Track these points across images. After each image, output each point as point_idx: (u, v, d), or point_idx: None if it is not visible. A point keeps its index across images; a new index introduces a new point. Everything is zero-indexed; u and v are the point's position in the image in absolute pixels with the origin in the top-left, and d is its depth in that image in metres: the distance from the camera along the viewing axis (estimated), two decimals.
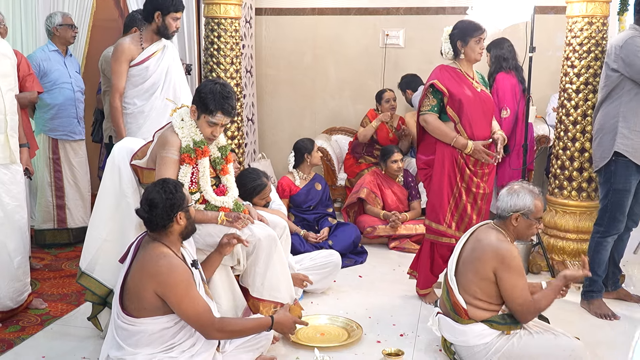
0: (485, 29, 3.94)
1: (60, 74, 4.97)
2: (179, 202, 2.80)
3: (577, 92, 4.54)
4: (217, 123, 3.25)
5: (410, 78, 6.22)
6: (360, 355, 3.38)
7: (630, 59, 3.73)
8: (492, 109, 4.06)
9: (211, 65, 5.17)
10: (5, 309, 3.70)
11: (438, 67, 4.04)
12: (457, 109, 3.89)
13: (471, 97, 3.90)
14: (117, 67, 4.17)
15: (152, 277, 2.70)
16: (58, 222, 5.13)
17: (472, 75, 4.00)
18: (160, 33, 4.17)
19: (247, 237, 3.30)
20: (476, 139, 3.91)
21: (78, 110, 5.08)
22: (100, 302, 3.41)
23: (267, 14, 6.90)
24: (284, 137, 6.91)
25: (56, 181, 5.07)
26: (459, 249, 3.28)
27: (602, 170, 3.92)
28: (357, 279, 4.62)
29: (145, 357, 2.73)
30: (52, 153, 5.03)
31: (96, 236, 3.40)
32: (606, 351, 3.49)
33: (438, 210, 3.98)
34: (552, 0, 5.85)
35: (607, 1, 4.46)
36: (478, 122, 3.93)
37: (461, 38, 3.92)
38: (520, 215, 3.14)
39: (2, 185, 3.64)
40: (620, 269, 4.26)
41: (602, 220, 3.95)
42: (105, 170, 3.45)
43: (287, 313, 3.14)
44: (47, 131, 4.99)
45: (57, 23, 4.95)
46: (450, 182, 3.94)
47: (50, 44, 5.01)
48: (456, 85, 3.90)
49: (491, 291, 3.12)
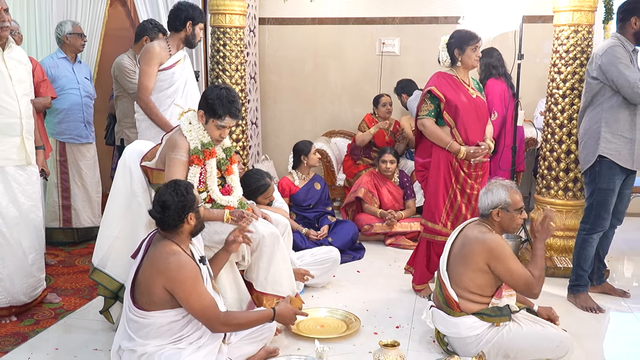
0: (480, 38, 3.94)
1: (68, 80, 4.94)
2: (190, 203, 2.79)
3: (563, 96, 4.54)
4: (226, 126, 3.26)
5: (405, 83, 6.22)
6: (358, 346, 3.38)
7: (606, 68, 3.73)
8: (487, 114, 4.06)
9: (217, 72, 5.16)
10: (19, 303, 3.70)
11: (436, 74, 4.04)
12: (453, 114, 3.89)
13: (466, 103, 3.90)
14: (148, 68, 4.11)
15: (162, 273, 2.70)
16: (63, 221, 5.10)
17: (468, 81, 3.99)
18: (188, 41, 4.19)
19: (252, 235, 3.30)
20: (470, 143, 3.91)
21: (85, 115, 5.05)
22: (111, 296, 3.41)
23: (270, 23, 6.89)
24: (286, 140, 6.90)
25: (62, 182, 5.05)
26: (450, 245, 3.28)
27: (588, 171, 3.93)
28: (355, 274, 4.62)
29: (155, 348, 2.73)
30: (60, 155, 5.01)
31: (108, 234, 3.39)
32: (592, 343, 3.48)
33: (434, 211, 3.97)
34: (539, 10, 5.83)
35: (593, 10, 4.46)
36: (472, 126, 3.93)
37: (458, 46, 3.92)
38: (500, 210, 3.15)
39: (18, 185, 3.64)
40: (605, 264, 4.25)
41: (587, 218, 3.95)
42: (116, 171, 3.45)
43: (288, 305, 3.14)
44: (55, 134, 4.98)
45: (67, 32, 4.93)
46: (445, 183, 3.94)
47: (59, 51, 4.99)
48: (452, 92, 3.90)
49: (482, 282, 3.12)
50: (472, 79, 4.09)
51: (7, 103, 3.56)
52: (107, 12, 5.63)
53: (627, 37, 3.81)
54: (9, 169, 3.60)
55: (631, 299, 4.11)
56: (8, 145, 3.59)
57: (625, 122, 3.77)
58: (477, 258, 3.08)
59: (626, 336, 3.63)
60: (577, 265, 4.00)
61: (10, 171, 3.61)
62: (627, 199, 4.06)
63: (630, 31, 3.80)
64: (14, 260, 3.62)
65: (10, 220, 3.60)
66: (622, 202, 4.01)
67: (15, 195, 3.62)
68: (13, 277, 3.63)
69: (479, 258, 3.08)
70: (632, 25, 3.78)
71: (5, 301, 3.63)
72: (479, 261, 3.08)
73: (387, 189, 5.62)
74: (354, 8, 6.70)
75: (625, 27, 3.81)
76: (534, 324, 3.15)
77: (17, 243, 3.63)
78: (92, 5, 5.58)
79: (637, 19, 3.76)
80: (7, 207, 3.59)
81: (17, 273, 3.64)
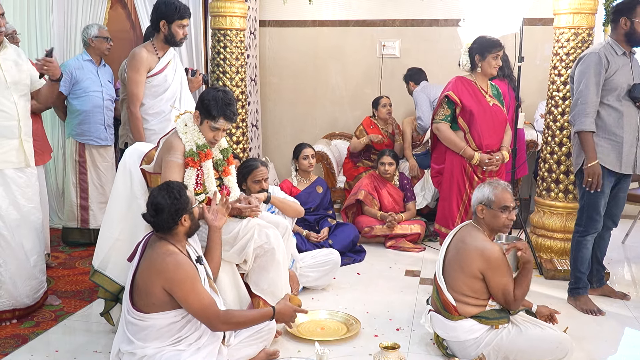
0: (503, 46, 3.93)
1: (91, 82, 4.98)
2: (183, 205, 2.79)
3: (563, 99, 4.54)
4: (219, 128, 3.25)
5: (415, 71, 6.19)
6: (358, 348, 3.38)
7: (575, 74, 3.81)
8: (504, 122, 4.07)
9: (218, 74, 5.17)
10: (23, 306, 3.70)
11: (455, 78, 4.08)
12: (468, 119, 3.92)
13: (482, 110, 3.93)
14: (137, 76, 4.04)
15: (160, 274, 2.70)
16: (81, 222, 5.15)
17: (486, 88, 3.99)
18: (169, 42, 4.06)
19: (263, 244, 3.30)
20: (484, 149, 3.93)
21: (106, 118, 5.08)
22: (112, 298, 3.40)
23: (270, 25, 6.90)
24: (287, 142, 6.91)
25: (81, 183, 5.10)
26: (445, 249, 3.28)
27: (578, 173, 3.95)
28: (355, 276, 4.62)
29: (154, 350, 2.73)
30: (79, 156, 5.06)
31: (109, 236, 3.39)
32: (592, 345, 3.48)
33: (448, 216, 4.00)
34: (540, 12, 5.85)
35: (593, 13, 4.47)
36: (486, 133, 3.95)
37: (480, 52, 3.94)
38: (484, 207, 3.15)
39: (18, 188, 3.64)
40: (604, 267, 4.25)
41: (580, 220, 3.97)
42: (117, 173, 3.45)
43: (288, 303, 3.13)
44: (75, 135, 5.03)
45: (94, 35, 4.97)
46: (459, 189, 3.97)
47: (85, 53, 5.04)
48: (469, 98, 3.92)
49: (478, 287, 3.13)
50: (492, 85, 4.08)
51: (3, 105, 3.55)
52: (107, 14, 5.64)
53: (619, 39, 3.82)
54: (8, 171, 3.60)
55: (631, 302, 4.11)
56: (7, 148, 3.58)
57: (613, 124, 3.78)
58: (474, 266, 3.09)
59: (627, 338, 3.63)
60: (574, 267, 4.00)
61: (9, 174, 3.60)
62: (623, 202, 4.06)
63: (621, 32, 3.81)
64: (16, 263, 3.63)
65: (11, 223, 3.60)
66: (618, 205, 4.02)
67: (15, 197, 3.62)
68: (15, 279, 3.63)
69: (475, 266, 3.09)
70: (622, 26, 3.80)
71: (8, 304, 3.63)
72: (475, 269, 3.09)
73: (387, 191, 5.62)
74: (355, 10, 6.71)
75: (617, 28, 3.83)
76: (534, 326, 3.15)
77: (18, 246, 3.63)
78: (92, 7, 5.60)
79: (626, 19, 3.77)
80: (8, 209, 3.59)
81: (19, 276, 3.64)
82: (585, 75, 3.75)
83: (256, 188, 4.11)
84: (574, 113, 3.79)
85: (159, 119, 4.14)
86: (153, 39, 4.15)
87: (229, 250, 3.30)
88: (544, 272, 4.54)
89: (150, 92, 4.10)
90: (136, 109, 4.08)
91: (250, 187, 4.11)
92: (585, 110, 3.73)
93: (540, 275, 4.56)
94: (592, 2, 4.43)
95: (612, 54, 3.78)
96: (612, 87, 3.76)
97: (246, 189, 4.10)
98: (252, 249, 3.32)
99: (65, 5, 5.54)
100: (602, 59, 3.74)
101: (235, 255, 3.33)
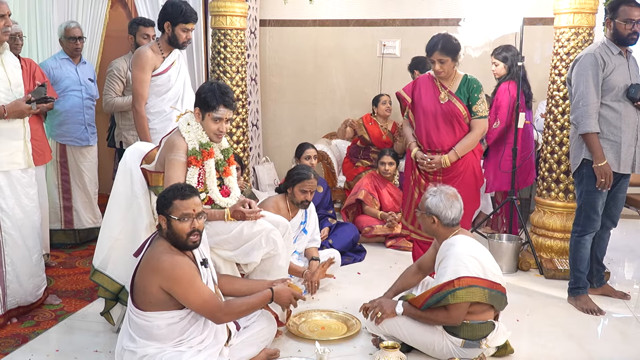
0: (437, 51, 3.87)
1: (70, 81, 4.89)
2: (161, 204, 2.80)
3: (564, 99, 4.54)
4: (222, 117, 3.24)
5: (420, 59, 6.13)
6: (358, 347, 3.38)
7: (572, 76, 3.83)
8: (454, 121, 3.92)
9: (218, 74, 5.16)
10: (26, 303, 3.73)
11: (422, 74, 4.19)
12: (416, 116, 4.01)
13: (430, 108, 3.95)
14: (142, 75, 4.02)
15: (156, 273, 2.71)
16: (65, 222, 5.07)
17: (448, 86, 3.94)
18: (171, 43, 4.06)
19: (270, 250, 3.30)
20: (431, 147, 3.95)
21: (86, 117, 4.97)
22: (112, 297, 3.40)
23: (270, 25, 6.90)
24: (287, 142, 6.91)
25: (63, 184, 5.01)
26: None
27: (576, 173, 3.95)
28: (356, 275, 4.62)
29: (155, 350, 2.73)
30: (60, 157, 4.96)
31: (109, 235, 3.39)
32: (592, 345, 3.48)
33: (403, 207, 4.21)
34: (540, 12, 5.84)
35: (593, 12, 4.46)
36: (433, 132, 3.95)
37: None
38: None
39: (22, 188, 3.67)
40: (604, 266, 4.25)
41: (578, 219, 3.97)
42: (117, 173, 3.44)
43: (286, 286, 3.12)
44: (55, 136, 4.91)
45: (61, 35, 4.89)
46: (408, 181, 4.15)
47: (61, 52, 4.96)
48: (420, 95, 4.00)
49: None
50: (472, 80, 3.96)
51: None
52: (108, 13, 5.63)
53: (611, 38, 3.83)
54: (14, 172, 3.63)
55: (631, 301, 4.11)
56: (13, 150, 3.61)
57: (611, 125, 3.78)
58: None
59: (627, 338, 3.62)
60: (573, 267, 4.00)
61: (15, 174, 3.64)
62: (622, 202, 4.05)
63: (610, 32, 3.83)
64: (21, 262, 3.66)
65: (16, 222, 3.62)
66: (616, 205, 4.02)
67: (19, 197, 3.65)
68: (21, 278, 3.65)
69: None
70: (609, 27, 3.83)
71: (14, 302, 3.65)
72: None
73: (387, 190, 5.62)
74: (355, 10, 6.71)
75: (608, 29, 3.85)
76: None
77: (23, 244, 3.67)
78: (93, 6, 5.58)
79: (610, 20, 3.80)
80: (14, 209, 3.61)
81: (24, 274, 3.67)
82: (584, 77, 3.76)
83: (301, 197, 4.10)
84: (577, 115, 3.79)
85: (160, 118, 4.14)
86: (159, 39, 4.16)
87: (232, 251, 3.30)
88: (544, 272, 4.54)
89: (153, 92, 4.09)
90: (141, 108, 4.07)
91: (295, 194, 4.10)
92: (588, 112, 3.74)
93: (540, 275, 4.56)
94: (593, 1, 4.42)
95: (608, 54, 3.79)
96: (609, 87, 3.77)
97: (290, 193, 4.10)
98: (260, 258, 3.31)
99: (65, 5, 5.53)
100: (598, 59, 3.75)
101: (240, 255, 3.31)
